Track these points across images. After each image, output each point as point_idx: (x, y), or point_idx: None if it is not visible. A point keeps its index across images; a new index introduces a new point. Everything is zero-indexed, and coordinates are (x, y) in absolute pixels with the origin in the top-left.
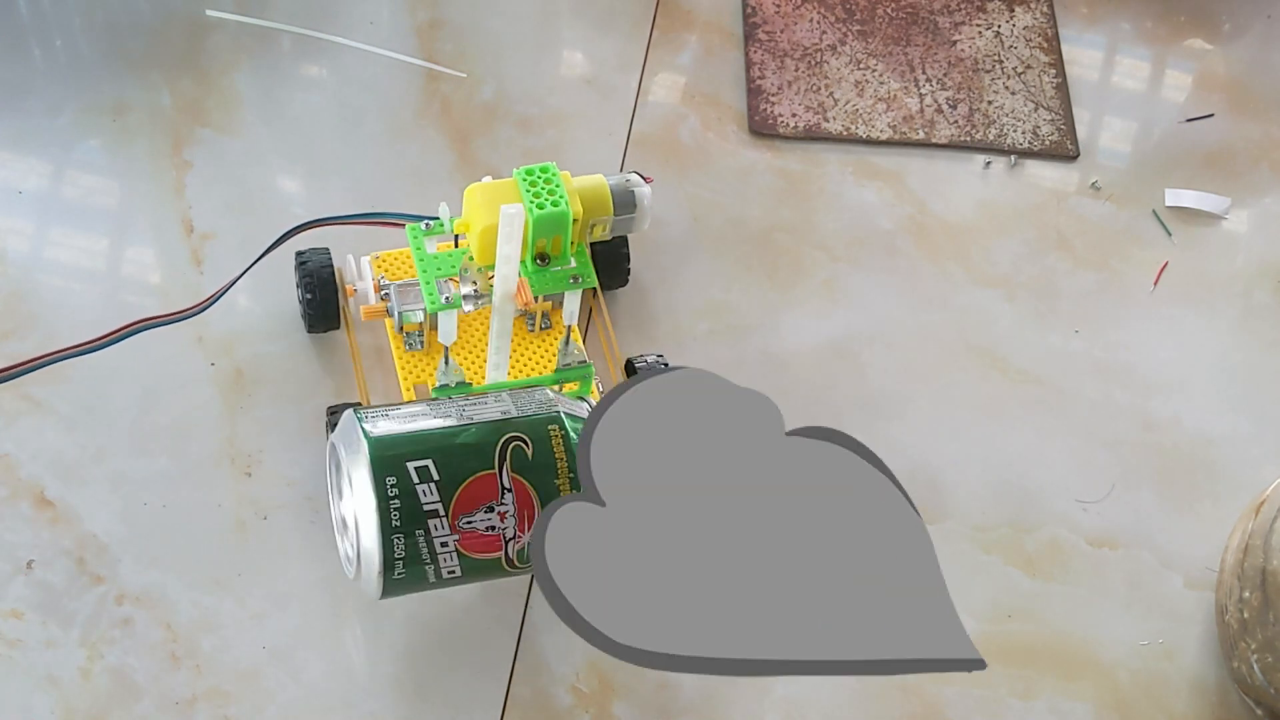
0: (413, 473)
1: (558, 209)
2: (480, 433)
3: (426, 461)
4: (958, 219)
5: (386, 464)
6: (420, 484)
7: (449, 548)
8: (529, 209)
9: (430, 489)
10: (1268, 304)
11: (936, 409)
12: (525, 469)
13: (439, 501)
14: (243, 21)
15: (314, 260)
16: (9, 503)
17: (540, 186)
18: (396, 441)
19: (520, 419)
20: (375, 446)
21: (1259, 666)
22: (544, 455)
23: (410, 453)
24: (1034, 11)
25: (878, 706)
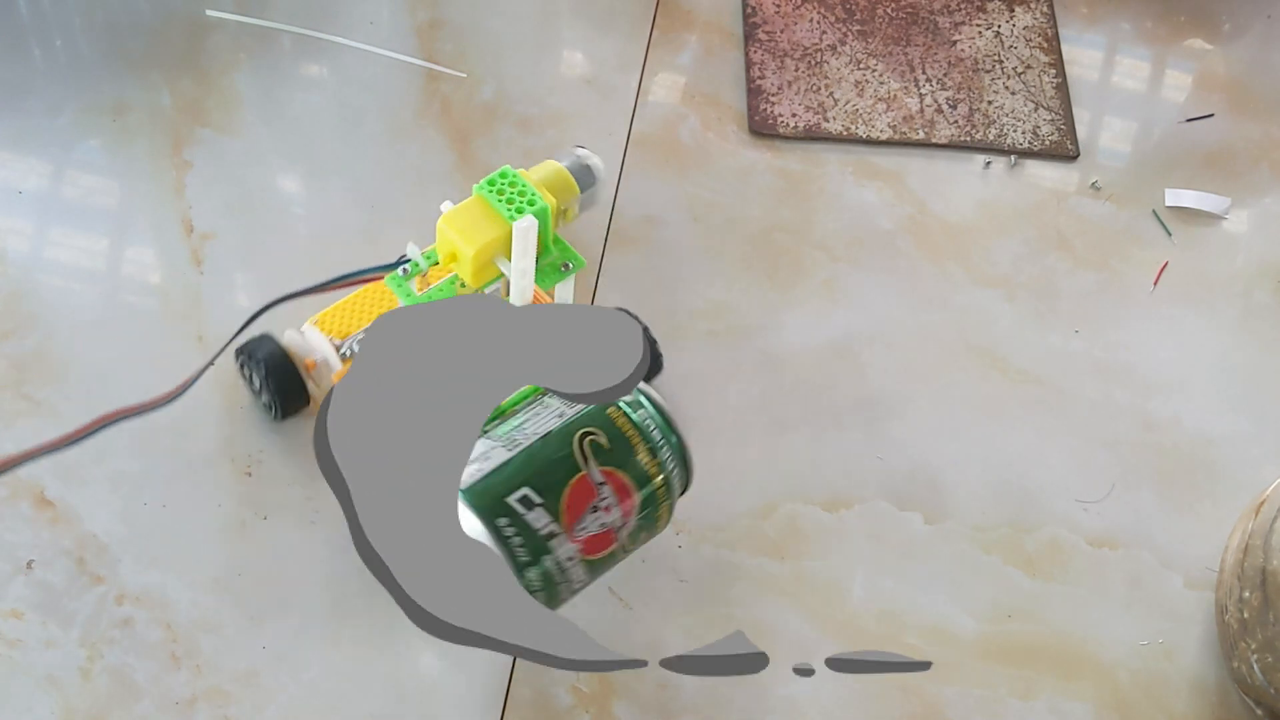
0: (517, 506)
1: (536, 207)
2: (554, 443)
3: (524, 490)
4: (958, 219)
5: (491, 509)
6: (529, 513)
7: (574, 559)
8: (510, 217)
9: (539, 514)
10: (1268, 304)
11: (936, 409)
12: (608, 458)
13: (552, 522)
14: (243, 21)
15: (260, 350)
16: (9, 503)
17: (509, 193)
18: (488, 485)
19: (579, 415)
20: (473, 497)
21: (1259, 666)
22: (618, 439)
23: (505, 489)
24: (1034, 11)
25: (878, 706)
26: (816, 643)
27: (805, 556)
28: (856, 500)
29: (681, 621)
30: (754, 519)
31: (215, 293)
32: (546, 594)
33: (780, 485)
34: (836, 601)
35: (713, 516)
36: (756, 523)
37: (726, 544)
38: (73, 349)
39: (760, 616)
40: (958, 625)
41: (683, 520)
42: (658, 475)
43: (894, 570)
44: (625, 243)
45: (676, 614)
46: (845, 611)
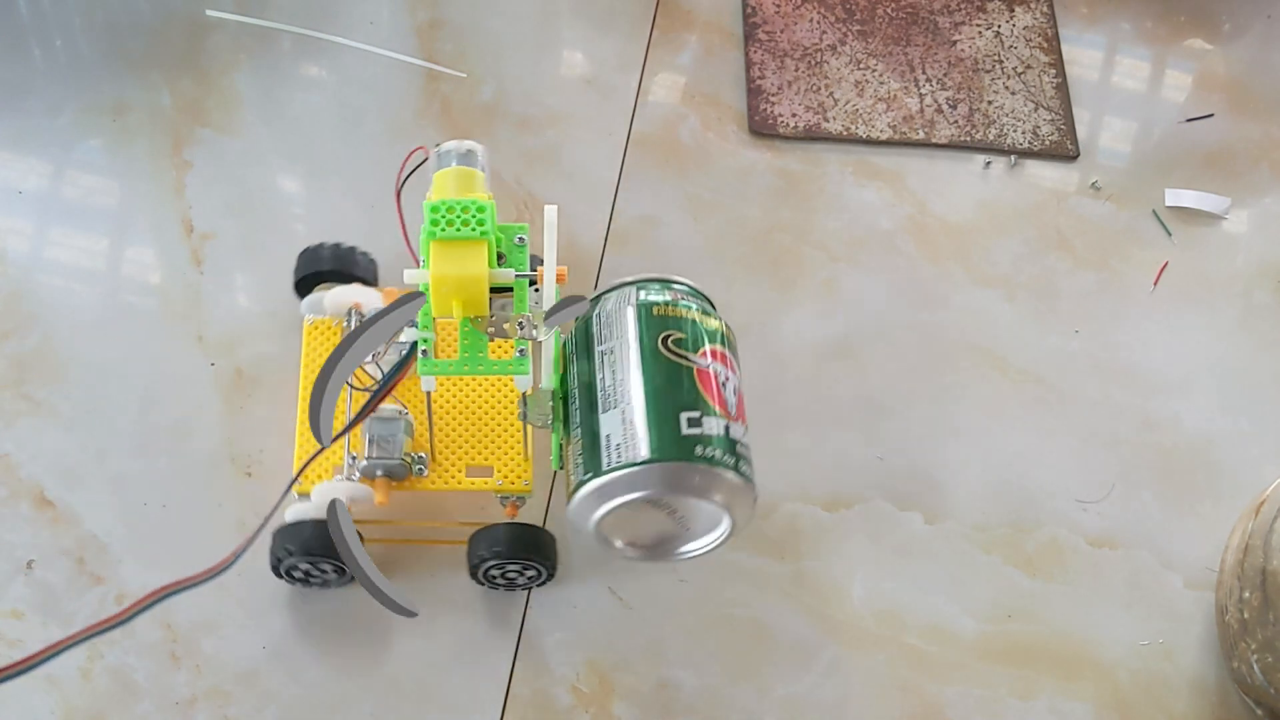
0: (692, 430)
1: (486, 210)
2: (653, 369)
3: (682, 416)
4: (958, 219)
5: (684, 448)
6: (702, 428)
7: (744, 430)
8: (477, 234)
9: (708, 421)
10: (1268, 304)
11: (936, 409)
12: (692, 342)
13: (718, 418)
14: (243, 21)
15: (303, 540)
16: (9, 503)
17: (455, 218)
18: (661, 436)
19: (641, 334)
20: (664, 452)
21: (1259, 666)
22: (681, 323)
23: (674, 426)
24: (1034, 11)
25: (878, 706)
26: (817, 643)
27: (805, 556)
28: (856, 500)
29: (681, 621)
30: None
31: (215, 293)
32: (751, 470)
33: (780, 485)
34: (836, 601)
35: None
36: (756, 523)
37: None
38: (73, 349)
39: (760, 616)
40: (958, 625)
41: None
42: (720, 323)
43: (894, 570)
44: (625, 243)
45: (676, 614)
46: (845, 611)
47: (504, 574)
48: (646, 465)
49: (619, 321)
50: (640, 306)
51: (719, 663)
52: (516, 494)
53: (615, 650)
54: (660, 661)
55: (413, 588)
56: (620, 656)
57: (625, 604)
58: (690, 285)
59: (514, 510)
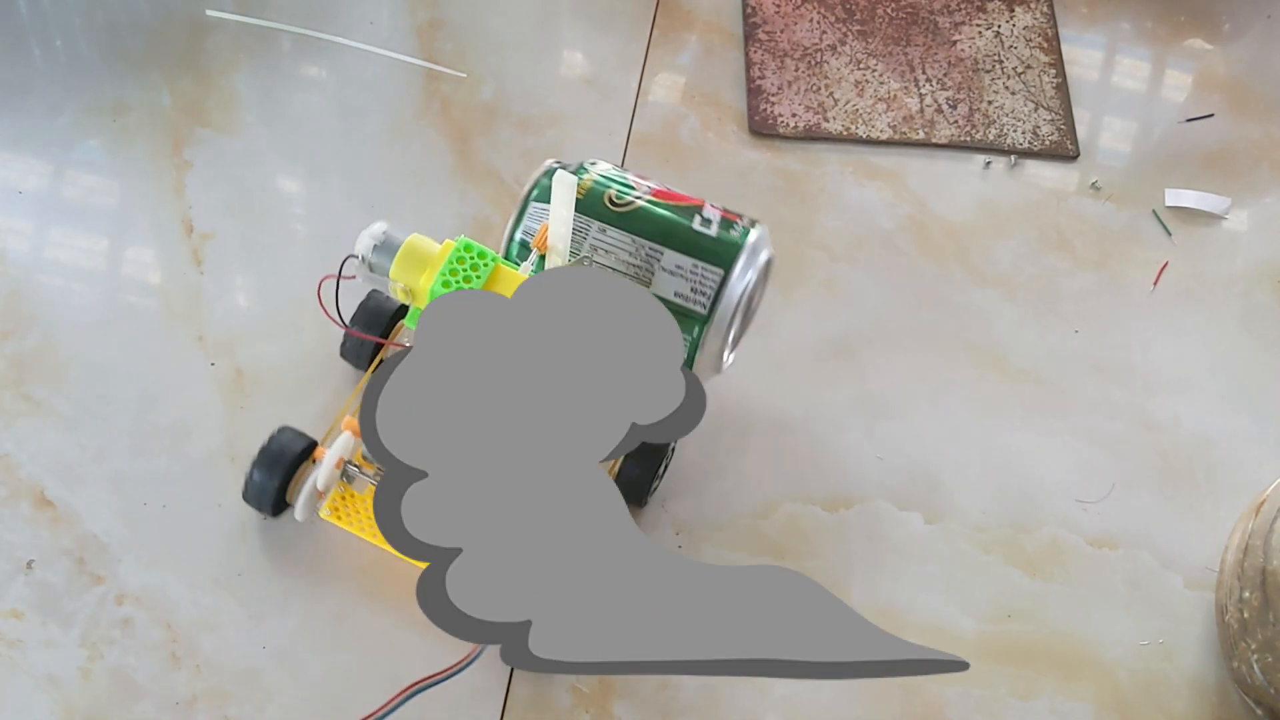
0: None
1: (468, 246)
2: (630, 221)
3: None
4: (958, 219)
5: (724, 240)
6: (705, 215)
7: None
8: (493, 266)
9: (699, 216)
10: (1268, 304)
11: (936, 409)
12: (623, 183)
13: (698, 207)
14: (243, 21)
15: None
16: (9, 503)
17: (461, 272)
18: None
19: (590, 208)
20: (721, 254)
21: (1259, 666)
22: (606, 182)
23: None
24: (1034, 11)
25: (878, 706)
26: None
27: (805, 556)
28: (856, 500)
29: None
30: (754, 519)
31: (215, 293)
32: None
33: (780, 485)
34: None
35: (713, 516)
36: (756, 523)
37: (726, 544)
38: (73, 349)
39: None
40: (958, 625)
41: (683, 520)
42: (605, 163)
43: (894, 570)
44: None
45: None
46: None
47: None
48: (727, 275)
49: (578, 220)
50: (583, 193)
51: None
52: None
53: None
54: None
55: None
56: None
57: None
58: (558, 163)
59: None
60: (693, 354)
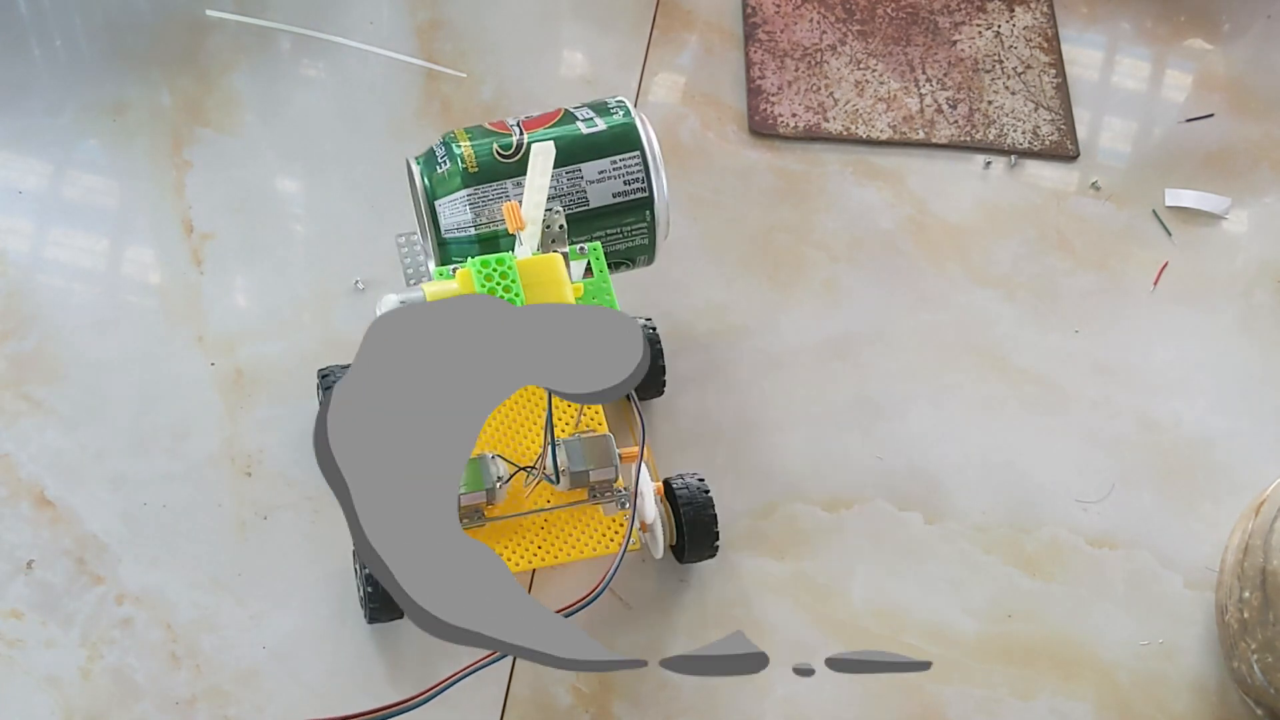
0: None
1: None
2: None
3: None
4: (958, 219)
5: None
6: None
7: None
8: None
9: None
10: (1268, 304)
11: (936, 409)
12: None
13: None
14: (243, 21)
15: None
16: (9, 503)
17: (495, 278)
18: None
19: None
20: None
21: (1259, 666)
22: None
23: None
24: (1034, 11)
25: (878, 706)
26: (817, 643)
27: (805, 556)
28: (856, 500)
29: (681, 621)
30: (754, 519)
31: (215, 293)
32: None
33: (780, 485)
34: (836, 601)
35: None
36: (756, 523)
37: (727, 544)
38: (73, 349)
39: (760, 616)
40: (958, 625)
41: None
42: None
43: (894, 570)
44: None
45: (676, 614)
46: (845, 611)
47: None
48: (642, 152)
49: (489, 203)
50: (471, 186)
51: None
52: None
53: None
54: None
55: None
56: None
57: (625, 604)
58: (418, 160)
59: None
60: (652, 237)
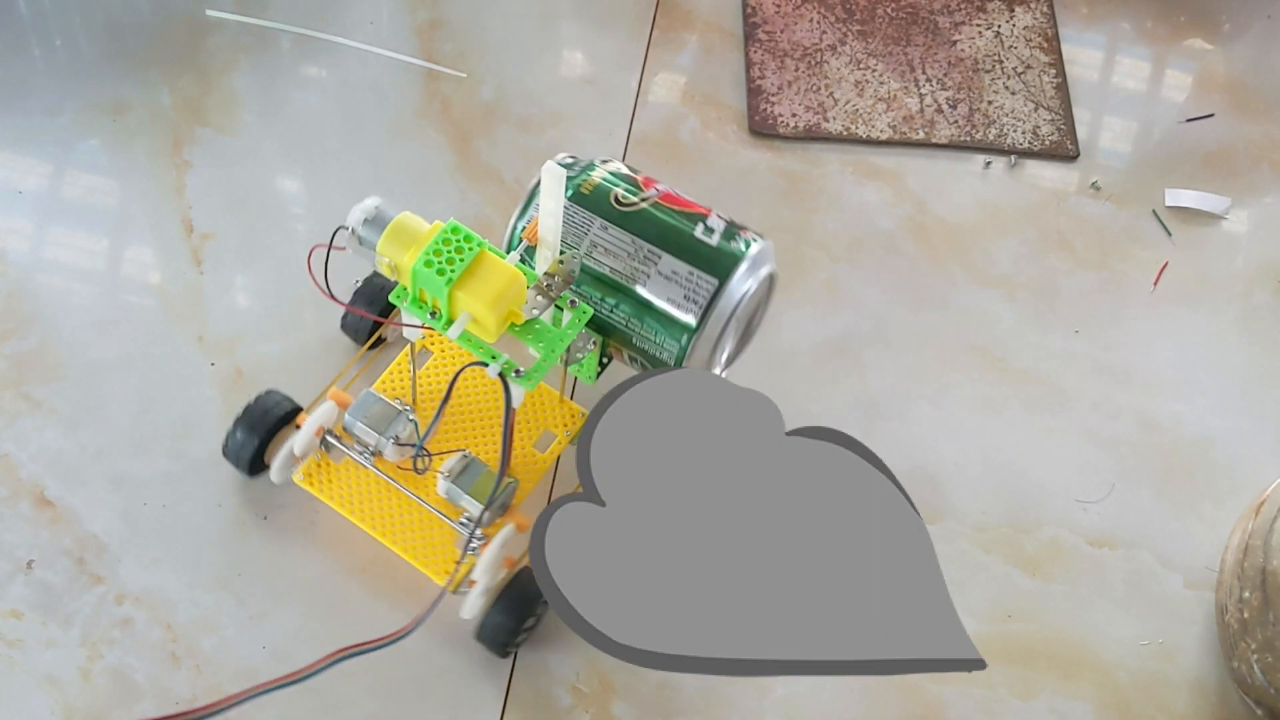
0: (707, 237)
1: (456, 229)
2: (633, 222)
3: (693, 229)
4: (958, 219)
5: (724, 251)
6: (709, 224)
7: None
8: (477, 250)
9: (703, 224)
10: (1268, 304)
11: (936, 409)
12: (631, 184)
13: (704, 218)
14: (243, 21)
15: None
16: (9, 503)
17: (445, 252)
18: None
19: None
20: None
21: (1259, 666)
22: (613, 179)
23: (698, 242)
24: (1034, 11)
25: (878, 706)
26: None
27: None
28: None
29: None
30: None
31: (215, 293)
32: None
33: None
34: None
35: None
36: None
37: None
38: (73, 349)
39: None
40: None
41: None
42: (618, 163)
43: None
44: None
45: None
46: None
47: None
48: (722, 285)
49: (575, 215)
50: (577, 187)
51: None
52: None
53: None
54: None
55: (411, 587)
56: None
57: None
58: (572, 158)
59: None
60: (678, 361)
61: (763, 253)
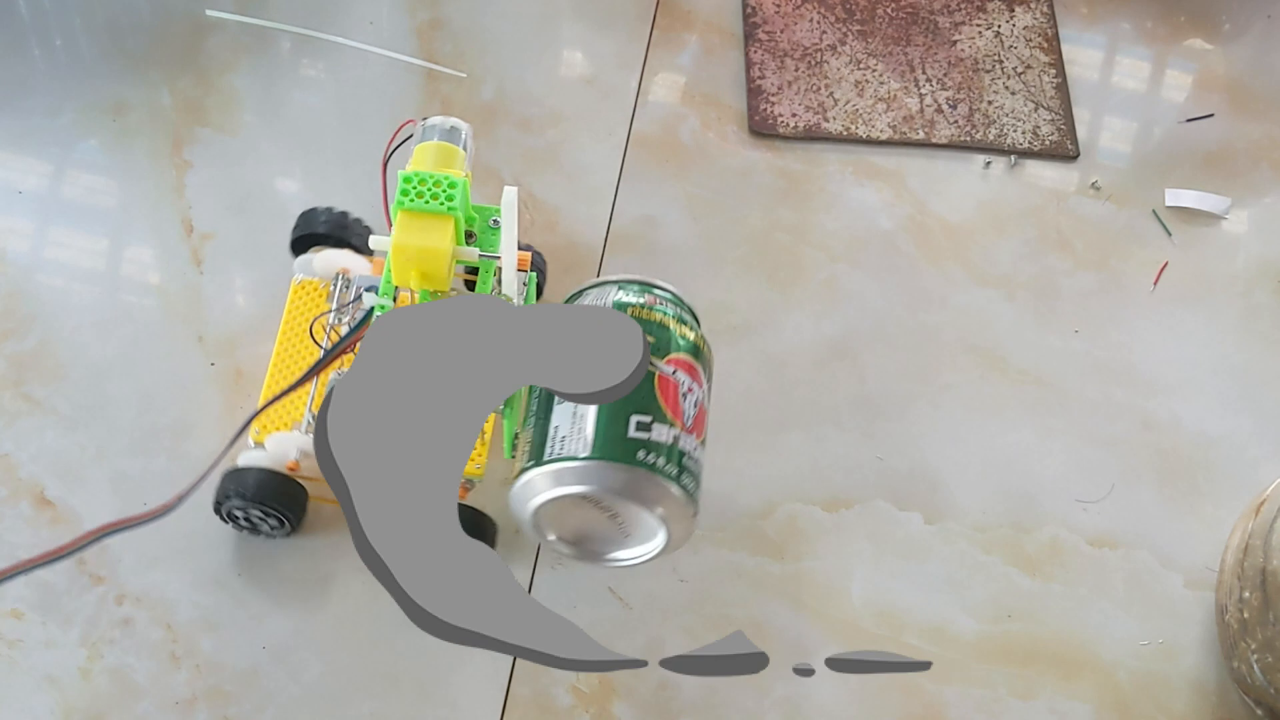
0: (640, 434)
1: (458, 186)
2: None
3: (634, 419)
4: (958, 219)
5: (628, 450)
6: (651, 434)
7: (696, 445)
8: (445, 209)
9: (658, 428)
10: (1268, 304)
11: (936, 409)
12: (661, 348)
13: (670, 427)
14: (243, 21)
15: (243, 486)
16: (9, 503)
17: (426, 190)
18: (608, 434)
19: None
20: (606, 450)
21: (1259, 666)
22: (655, 328)
23: (622, 427)
24: (1034, 11)
25: (878, 706)
26: (817, 643)
27: (805, 556)
28: (856, 500)
29: (681, 621)
30: (754, 519)
31: (215, 293)
32: (696, 487)
33: (780, 485)
34: (836, 601)
35: (713, 516)
36: (756, 523)
37: (726, 544)
38: (73, 349)
39: (760, 616)
40: (958, 625)
41: None
42: (694, 334)
43: (894, 570)
44: (625, 243)
45: (676, 614)
46: (845, 611)
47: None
48: (585, 462)
49: (584, 295)
50: (614, 306)
51: None
52: (468, 476)
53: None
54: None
55: None
56: None
57: (625, 604)
58: (672, 292)
59: (464, 492)
60: (510, 438)
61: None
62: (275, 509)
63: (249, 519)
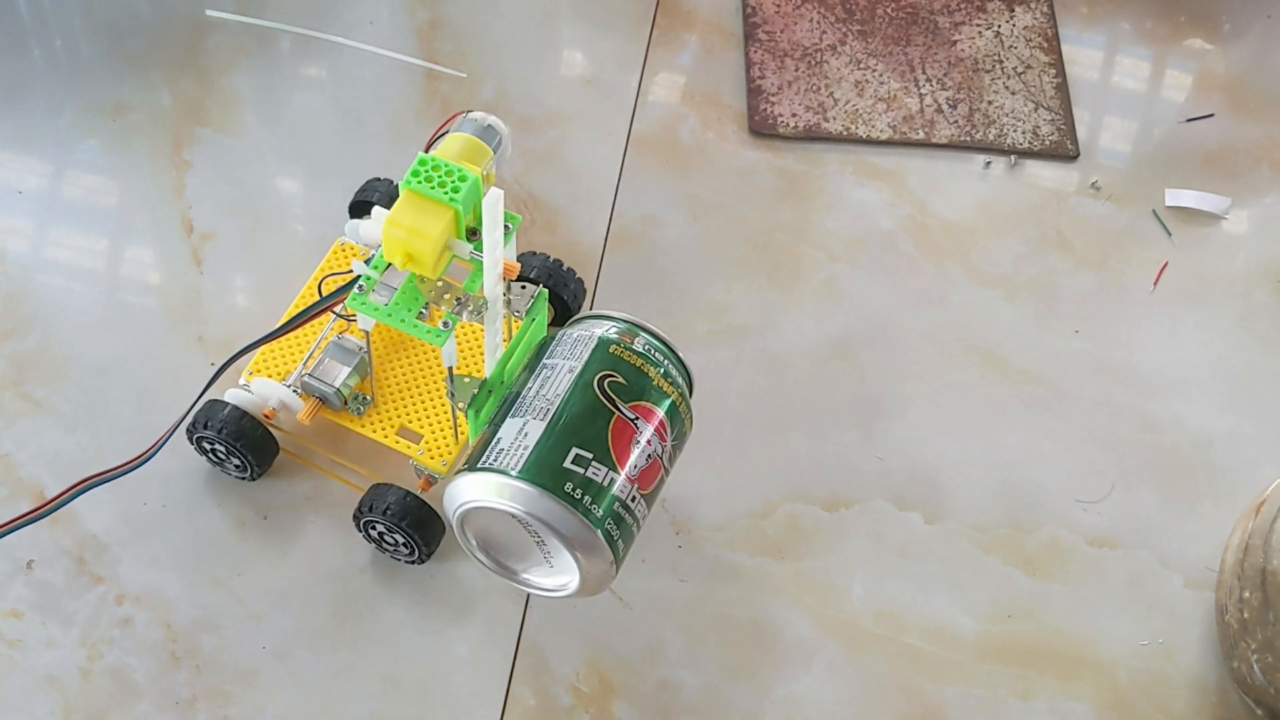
0: (575, 468)
1: (468, 181)
2: (579, 397)
3: (574, 451)
4: (958, 219)
5: (555, 480)
6: (586, 470)
7: (637, 498)
8: (448, 199)
9: (596, 467)
10: (1268, 304)
11: (936, 409)
12: (630, 393)
13: (609, 469)
14: (242, 21)
15: (215, 418)
16: (9, 503)
17: (437, 177)
18: (541, 459)
19: (589, 363)
20: (532, 475)
21: (1259, 666)
22: (631, 373)
23: (559, 456)
24: (1034, 11)
25: (878, 706)
26: (816, 643)
27: (805, 556)
28: (856, 500)
29: (681, 621)
30: (754, 519)
31: (215, 293)
32: (624, 540)
33: (780, 485)
34: (836, 601)
35: (713, 516)
36: (756, 523)
37: (726, 544)
38: (73, 349)
39: (760, 616)
40: (958, 625)
41: (683, 520)
42: (674, 392)
43: (894, 570)
44: (625, 243)
45: (676, 614)
46: (845, 611)
47: (382, 538)
48: (510, 480)
49: (576, 346)
50: (602, 340)
51: (719, 663)
52: (431, 470)
53: (615, 650)
54: (660, 661)
55: (414, 585)
56: (620, 657)
57: (625, 604)
58: (674, 353)
59: (425, 485)
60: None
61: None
62: (240, 450)
63: (215, 453)
